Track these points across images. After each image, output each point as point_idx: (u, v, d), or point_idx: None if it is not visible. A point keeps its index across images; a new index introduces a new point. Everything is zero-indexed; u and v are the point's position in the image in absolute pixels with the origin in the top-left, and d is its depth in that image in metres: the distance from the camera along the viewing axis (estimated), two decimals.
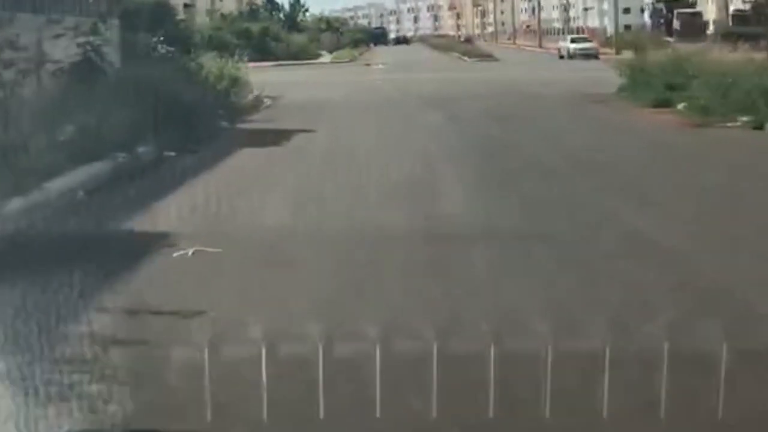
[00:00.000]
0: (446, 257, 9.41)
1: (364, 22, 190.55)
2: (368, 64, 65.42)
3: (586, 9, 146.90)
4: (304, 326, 6.66)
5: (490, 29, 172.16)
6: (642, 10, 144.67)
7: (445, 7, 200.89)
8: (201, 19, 77.87)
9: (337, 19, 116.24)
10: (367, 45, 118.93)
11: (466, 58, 73.72)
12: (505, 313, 7.41)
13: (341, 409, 5.34)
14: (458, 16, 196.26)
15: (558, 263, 9.02)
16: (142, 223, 11.06)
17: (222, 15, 76.76)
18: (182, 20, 77.48)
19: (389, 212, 11.52)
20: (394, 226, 10.66)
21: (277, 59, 72.93)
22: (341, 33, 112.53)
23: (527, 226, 10.79)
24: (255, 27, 76.35)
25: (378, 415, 5.15)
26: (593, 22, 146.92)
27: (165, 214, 11.65)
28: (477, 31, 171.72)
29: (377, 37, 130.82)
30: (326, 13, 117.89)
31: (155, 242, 9.84)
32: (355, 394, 5.48)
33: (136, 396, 5.50)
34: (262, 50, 74.72)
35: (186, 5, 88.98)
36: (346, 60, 77.47)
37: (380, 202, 12.30)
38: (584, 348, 5.77)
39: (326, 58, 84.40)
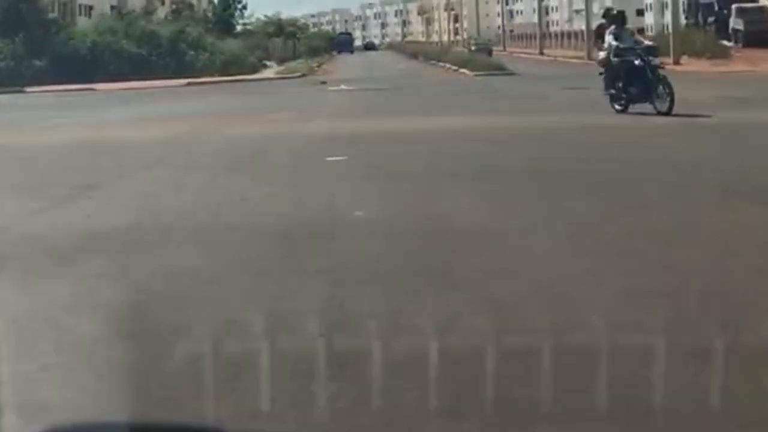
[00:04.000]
0: None
1: (328, 28, 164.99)
2: (325, 83, 39.26)
3: (576, 11, 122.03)
4: None
5: (464, 35, 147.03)
6: (640, 13, 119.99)
7: (415, 12, 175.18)
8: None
9: (292, 22, 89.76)
10: (330, 53, 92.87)
11: (465, 70, 47.67)
12: None
13: None
14: (428, 21, 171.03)
15: None
16: None
17: (120, 13, 50.19)
18: (53, 21, 51.36)
19: None
20: None
21: (196, 74, 46.85)
22: (297, 39, 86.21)
23: None
24: (164, 30, 49.88)
25: None
26: (580, 25, 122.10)
27: None
28: (449, 38, 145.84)
29: (342, 44, 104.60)
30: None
31: None
32: None
33: None
34: (177, 62, 48.51)
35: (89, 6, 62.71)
36: (297, 74, 51.38)
37: None
38: None
39: (272, 70, 58.29)
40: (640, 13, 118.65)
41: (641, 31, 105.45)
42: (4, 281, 6.62)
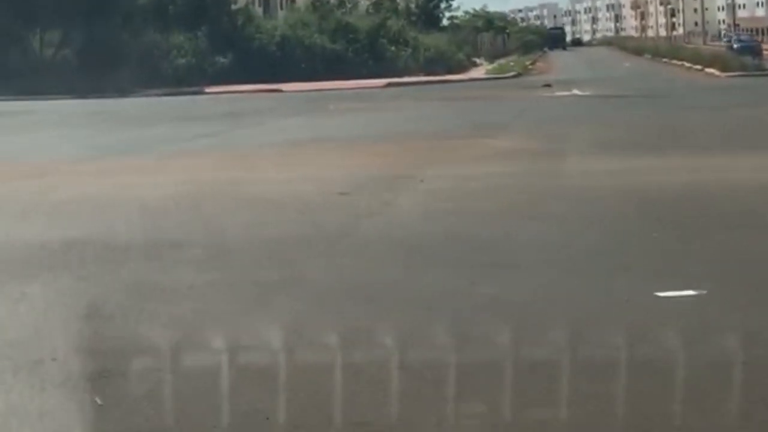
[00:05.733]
0: None
1: (535, 23, 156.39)
2: (549, 86, 31.83)
3: None
4: None
5: (683, 30, 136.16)
6: None
7: (628, 6, 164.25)
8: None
9: (501, 16, 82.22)
10: (541, 49, 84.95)
11: (713, 70, 39.27)
12: None
13: None
14: (642, 15, 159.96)
15: None
16: None
17: (314, 5, 43.91)
18: (241, 12, 45.28)
19: None
20: None
21: (397, 73, 40.23)
22: (507, 34, 78.69)
23: None
24: (362, 23, 43.39)
25: None
26: None
27: None
28: (667, 32, 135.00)
29: (554, 39, 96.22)
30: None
31: None
32: None
33: None
34: (376, 59, 42.01)
35: None
36: (511, 74, 44.10)
37: None
38: None
39: (481, 69, 51.18)
40: None
41: None
42: None
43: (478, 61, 56.73)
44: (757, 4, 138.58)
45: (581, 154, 12.85)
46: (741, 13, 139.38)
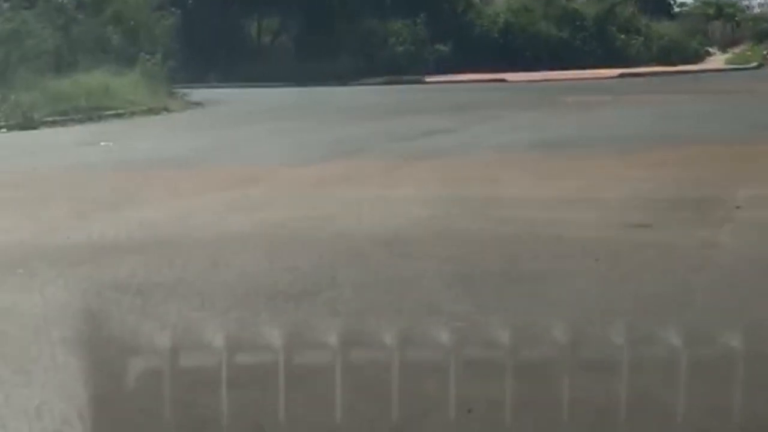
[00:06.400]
0: None
1: (759, 11, 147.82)
2: None
3: None
4: None
5: None
6: None
7: None
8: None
9: (730, 3, 77.05)
10: None
11: None
12: None
13: None
14: None
15: None
16: None
17: None
18: None
19: None
20: None
21: (628, 63, 37.32)
22: (737, 23, 73.58)
23: None
24: (590, 10, 40.49)
25: None
26: None
27: None
28: None
29: None
30: None
31: None
32: None
33: None
34: (605, 48, 39.19)
35: None
36: (753, 65, 40.35)
37: None
38: None
39: (717, 59, 47.40)
40: None
41: None
42: None
43: (710, 50, 52.74)
44: None
45: None
46: None
